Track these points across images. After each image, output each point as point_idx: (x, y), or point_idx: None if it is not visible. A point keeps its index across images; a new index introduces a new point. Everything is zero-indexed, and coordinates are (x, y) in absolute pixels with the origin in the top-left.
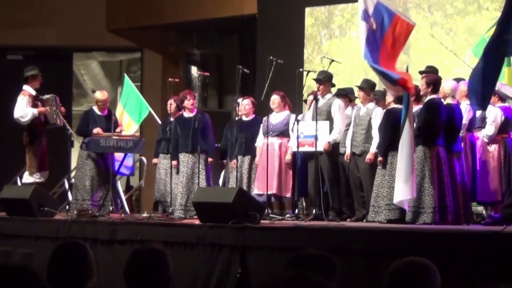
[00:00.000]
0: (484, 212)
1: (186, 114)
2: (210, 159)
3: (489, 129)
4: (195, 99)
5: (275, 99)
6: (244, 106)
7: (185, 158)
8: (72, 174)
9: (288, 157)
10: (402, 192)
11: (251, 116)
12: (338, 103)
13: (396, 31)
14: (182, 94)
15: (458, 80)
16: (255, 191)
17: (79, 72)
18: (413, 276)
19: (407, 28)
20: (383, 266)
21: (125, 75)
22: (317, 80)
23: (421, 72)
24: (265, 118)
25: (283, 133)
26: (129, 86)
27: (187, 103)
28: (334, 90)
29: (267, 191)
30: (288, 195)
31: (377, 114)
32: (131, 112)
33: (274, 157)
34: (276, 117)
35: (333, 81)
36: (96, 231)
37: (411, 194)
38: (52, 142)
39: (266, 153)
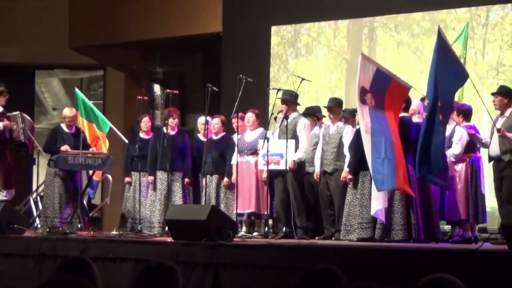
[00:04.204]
0: (451, 230)
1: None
2: (187, 180)
3: (456, 148)
4: (179, 118)
5: (250, 117)
6: (213, 125)
7: (162, 176)
8: (39, 189)
9: (265, 174)
10: (378, 201)
11: (221, 135)
12: (303, 122)
13: (392, 95)
14: (169, 111)
15: (423, 99)
16: (236, 210)
17: (39, 89)
18: None
19: (403, 92)
20: (359, 284)
21: (76, 88)
22: (283, 100)
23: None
24: (239, 137)
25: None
26: (82, 99)
27: (172, 121)
28: (302, 108)
29: (237, 209)
30: (266, 212)
31: (348, 132)
32: (98, 125)
33: (251, 175)
34: (251, 135)
35: (300, 99)
36: (67, 249)
37: (384, 203)
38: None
39: (242, 172)
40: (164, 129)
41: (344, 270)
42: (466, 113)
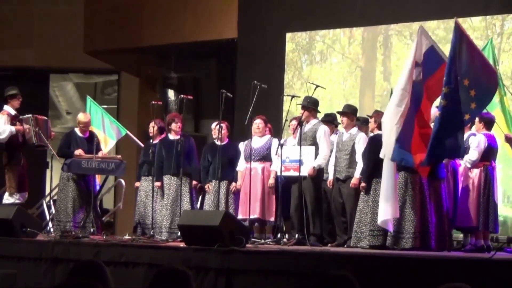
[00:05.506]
0: (463, 238)
1: (172, 136)
2: (194, 182)
3: (473, 154)
4: (182, 122)
5: (259, 123)
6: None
7: (169, 180)
8: (52, 193)
9: (271, 181)
10: (385, 212)
11: (225, 141)
12: (323, 129)
13: (438, 81)
14: (170, 117)
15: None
16: (239, 216)
17: (54, 93)
18: None
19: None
20: None
21: (88, 96)
22: (303, 106)
23: None
24: (246, 143)
25: (265, 157)
26: (94, 107)
27: (174, 125)
28: (320, 115)
29: (249, 215)
30: (272, 219)
31: (361, 139)
32: (105, 129)
33: (257, 181)
34: (258, 142)
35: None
36: (80, 252)
37: (395, 213)
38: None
39: (249, 178)
40: (170, 135)
41: (356, 277)
42: (488, 121)
